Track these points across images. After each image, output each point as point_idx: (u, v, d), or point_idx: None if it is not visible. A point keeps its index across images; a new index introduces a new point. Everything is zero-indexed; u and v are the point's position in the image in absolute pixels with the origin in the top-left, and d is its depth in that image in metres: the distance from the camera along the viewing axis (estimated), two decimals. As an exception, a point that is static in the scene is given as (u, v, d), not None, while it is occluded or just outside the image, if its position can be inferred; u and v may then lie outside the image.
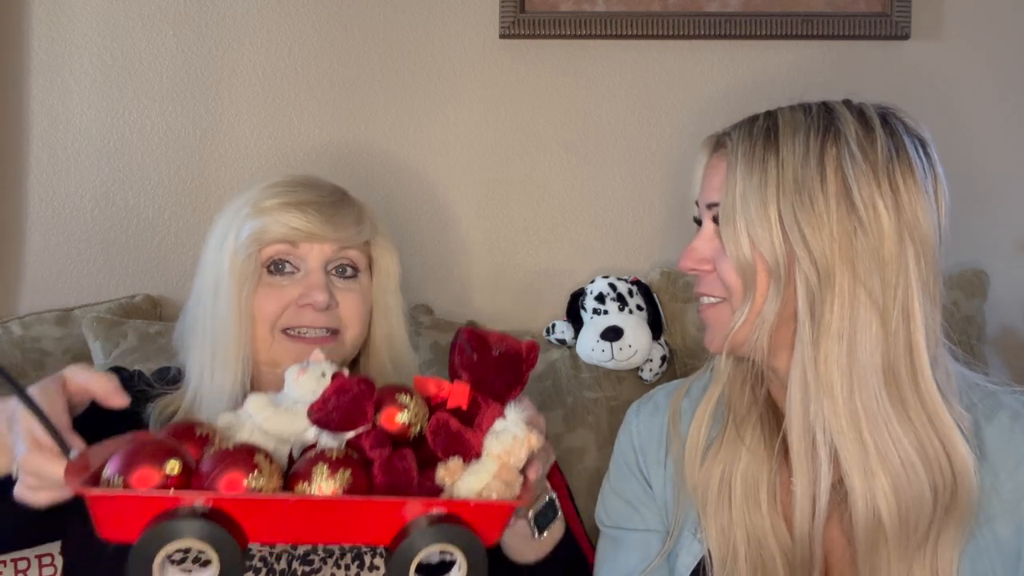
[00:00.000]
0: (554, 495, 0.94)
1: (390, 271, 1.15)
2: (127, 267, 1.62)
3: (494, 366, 0.80)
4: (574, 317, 1.52)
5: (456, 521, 0.69)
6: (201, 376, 1.08)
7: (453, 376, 0.81)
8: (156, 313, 1.59)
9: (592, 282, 1.53)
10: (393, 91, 1.61)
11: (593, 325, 1.47)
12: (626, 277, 1.53)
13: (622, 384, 1.47)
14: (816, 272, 0.86)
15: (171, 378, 1.14)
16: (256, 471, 0.67)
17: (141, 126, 1.61)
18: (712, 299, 0.95)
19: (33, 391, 0.80)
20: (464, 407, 0.78)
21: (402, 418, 0.76)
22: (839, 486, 0.90)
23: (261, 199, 1.07)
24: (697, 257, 0.95)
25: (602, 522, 1.09)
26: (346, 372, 0.79)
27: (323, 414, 0.75)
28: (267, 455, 0.70)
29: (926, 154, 0.91)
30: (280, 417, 0.76)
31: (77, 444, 0.79)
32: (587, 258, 1.63)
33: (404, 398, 0.76)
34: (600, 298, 1.49)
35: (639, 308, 1.49)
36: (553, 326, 1.53)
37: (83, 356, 1.47)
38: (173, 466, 0.67)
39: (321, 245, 1.06)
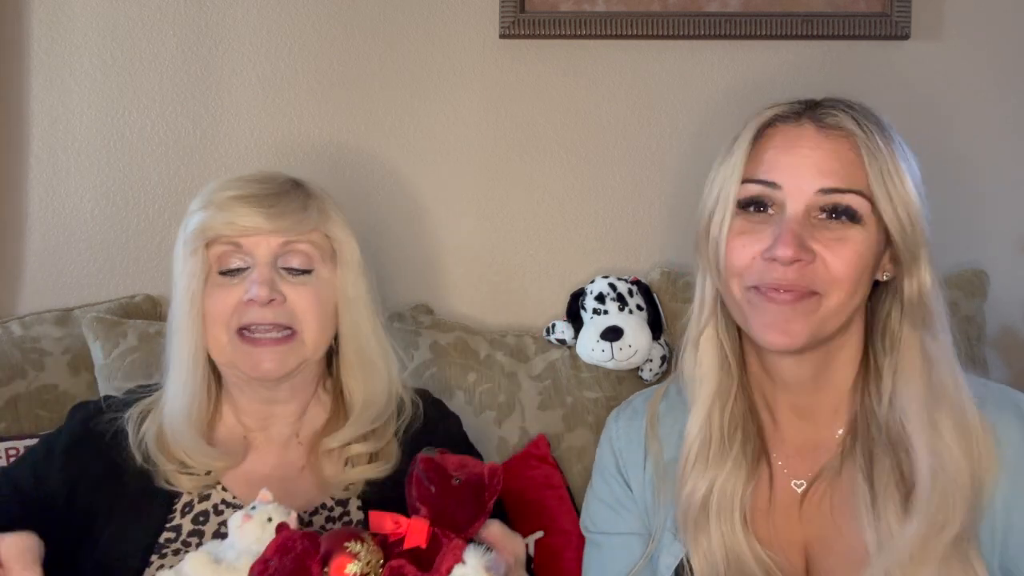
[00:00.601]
0: None
1: (348, 261, 1.12)
2: (127, 267, 1.62)
3: (454, 497, 0.75)
4: (574, 317, 1.52)
5: None
6: (168, 372, 1.09)
7: (411, 510, 0.76)
8: (156, 313, 1.59)
9: (592, 282, 1.53)
10: (393, 91, 1.61)
11: (593, 325, 1.47)
12: (626, 277, 1.53)
13: (622, 384, 1.47)
14: (929, 252, 0.91)
15: (151, 390, 1.15)
16: None
17: (141, 126, 1.61)
18: (806, 292, 0.89)
19: None
20: (423, 545, 0.73)
21: (353, 569, 0.70)
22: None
23: (210, 193, 1.08)
24: (801, 244, 0.87)
25: (587, 528, 1.10)
26: (293, 518, 0.74)
27: None
28: None
29: None
30: None
31: None
32: (587, 258, 1.63)
33: (355, 546, 0.71)
34: (600, 298, 1.49)
35: (639, 308, 1.49)
36: (553, 326, 1.53)
37: (83, 356, 1.47)
38: None
39: (266, 238, 1.05)
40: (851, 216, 0.89)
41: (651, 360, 1.47)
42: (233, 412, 1.13)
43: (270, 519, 0.74)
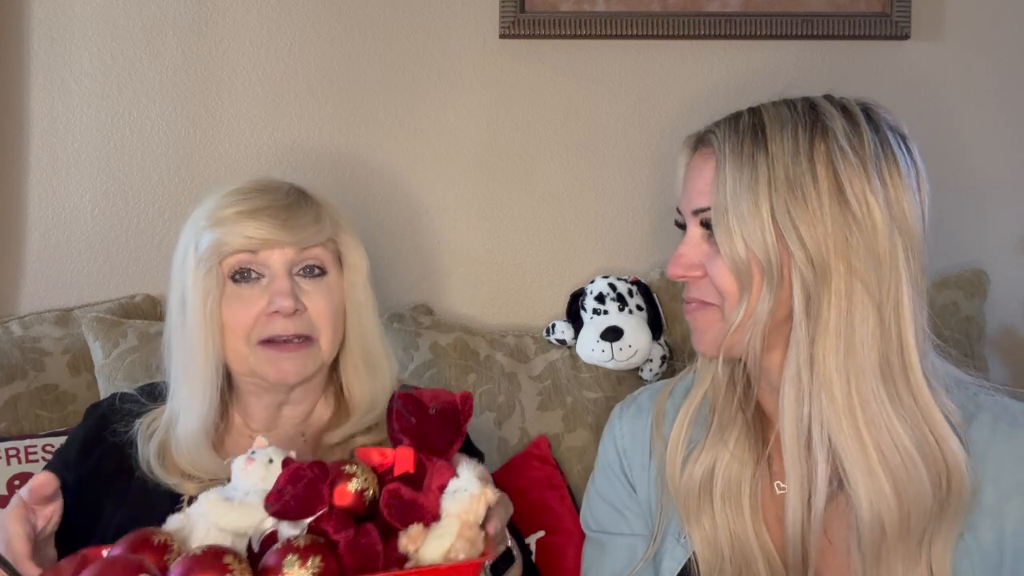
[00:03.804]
0: (510, 542, 0.94)
1: (358, 266, 1.14)
2: (127, 267, 1.62)
3: (433, 425, 0.81)
4: (574, 317, 1.52)
5: None
6: (175, 391, 1.09)
7: (395, 442, 0.82)
8: (156, 313, 1.59)
9: (592, 282, 1.53)
10: (393, 91, 1.61)
11: (593, 325, 1.47)
12: (626, 277, 1.53)
13: (622, 384, 1.47)
14: (812, 269, 0.86)
15: (157, 393, 1.15)
16: (228, 574, 0.67)
17: (141, 126, 1.61)
18: (703, 304, 0.94)
19: None
20: (412, 471, 0.79)
21: (353, 486, 0.76)
22: (831, 487, 0.90)
23: (217, 209, 1.07)
24: (686, 263, 0.93)
25: (588, 526, 1.09)
26: (294, 455, 0.79)
27: (280, 505, 0.75)
28: (235, 555, 0.69)
29: (907, 148, 0.91)
30: (235, 513, 0.76)
31: (32, 573, 0.81)
32: (587, 258, 1.63)
33: (350, 468, 0.77)
34: (600, 298, 1.49)
35: (639, 308, 1.49)
36: (553, 326, 1.53)
37: (83, 356, 1.47)
38: None
39: (282, 249, 1.06)
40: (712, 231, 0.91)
41: (651, 360, 1.47)
42: (241, 416, 1.14)
43: (271, 460, 0.79)
